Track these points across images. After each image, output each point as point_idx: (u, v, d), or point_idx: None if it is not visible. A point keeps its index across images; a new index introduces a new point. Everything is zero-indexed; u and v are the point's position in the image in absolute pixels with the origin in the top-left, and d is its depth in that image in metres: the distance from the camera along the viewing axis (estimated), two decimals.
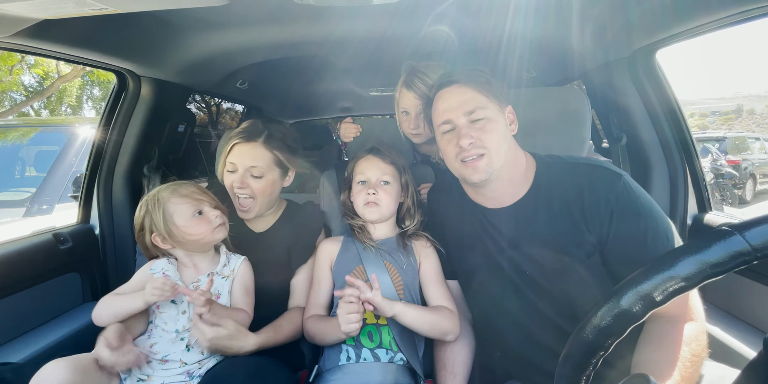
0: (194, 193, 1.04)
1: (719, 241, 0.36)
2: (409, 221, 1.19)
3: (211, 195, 1.09)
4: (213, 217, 1.04)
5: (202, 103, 3.57)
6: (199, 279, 1.05)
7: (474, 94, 0.93)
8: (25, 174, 2.83)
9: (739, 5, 0.89)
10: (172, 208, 1.01)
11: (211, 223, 1.04)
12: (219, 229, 1.05)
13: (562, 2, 1.20)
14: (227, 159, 1.17)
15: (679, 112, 1.30)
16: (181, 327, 1.00)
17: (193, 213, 1.02)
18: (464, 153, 0.92)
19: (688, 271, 0.37)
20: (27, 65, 9.16)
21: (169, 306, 1.02)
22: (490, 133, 0.91)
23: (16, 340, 1.21)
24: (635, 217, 0.83)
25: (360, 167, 1.18)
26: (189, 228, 1.02)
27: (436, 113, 0.99)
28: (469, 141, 0.91)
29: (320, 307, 1.15)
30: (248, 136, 1.16)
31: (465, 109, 0.92)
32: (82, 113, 11.76)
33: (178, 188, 1.04)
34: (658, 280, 0.37)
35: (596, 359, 0.41)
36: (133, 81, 1.53)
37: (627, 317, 0.39)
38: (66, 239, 1.43)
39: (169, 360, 0.98)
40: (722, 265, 0.36)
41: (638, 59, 1.28)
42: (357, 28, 1.39)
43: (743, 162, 8.46)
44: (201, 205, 1.04)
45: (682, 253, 0.37)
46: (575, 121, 1.26)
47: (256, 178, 1.15)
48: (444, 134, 0.97)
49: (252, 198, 1.16)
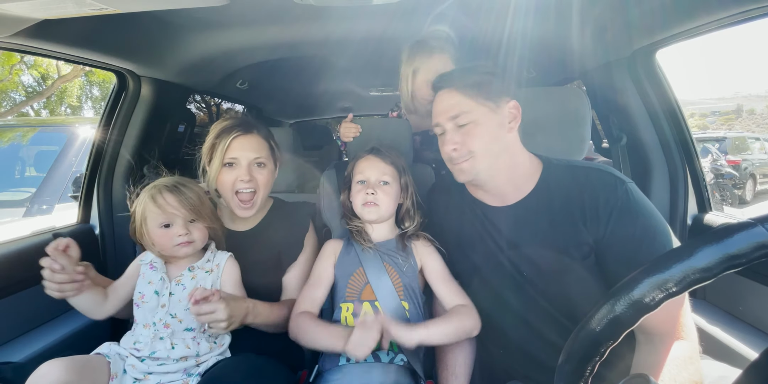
0: (169, 205, 1.00)
1: (741, 231, 0.36)
2: (409, 222, 1.19)
3: (198, 209, 1.03)
4: (176, 234, 1.00)
5: (202, 103, 3.56)
6: (182, 274, 1.05)
7: (460, 98, 0.94)
8: (25, 174, 2.83)
9: (739, 5, 0.89)
10: (147, 212, 1.01)
11: (172, 240, 1.00)
12: (180, 248, 1.01)
13: (562, 2, 1.20)
14: (226, 155, 1.12)
15: (679, 112, 1.30)
16: (158, 319, 0.99)
17: (159, 224, 1.00)
18: (453, 158, 0.95)
19: (707, 262, 0.36)
20: (26, 66, 9.16)
21: (152, 296, 1.01)
22: (474, 137, 0.92)
23: (16, 340, 1.21)
24: (633, 218, 0.83)
25: (360, 167, 1.18)
26: (154, 236, 1.01)
27: (434, 114, 1.02)
28: (452, 147, 0.94)
29: (314, 303, 1.12)
30: (246, 128, 1.15)
31: (450, 114, 0.94)
32: (82, 113, 11.77)
33: (159, 194, 1.01)
34: (676, 270, 0.37)
35: (604, 349, 0.40)
36: (133, 81, 1.53)
37: (640, 307, 0.38)
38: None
39: (160, 357, 0.96)
40: (743, 257, 0.35)
41: (638, 59, 1.28)
42: (357, 28, 1.39)
43: (743, 162, 8.46)
44: (172, 218, 1.00)
45: (703, 243, 0.37)
46: (575, 121, 1.26)
47: (261, 169, 1.15)
48: (439, 136, 1.01)
49: (254, 191, 1.15)
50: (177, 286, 1.03)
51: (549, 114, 1.25)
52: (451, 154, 0.95)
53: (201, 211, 1.04)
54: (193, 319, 0.94)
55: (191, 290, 0.93)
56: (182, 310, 1.00)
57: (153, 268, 1.04)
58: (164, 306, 1.01)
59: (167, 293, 1.01)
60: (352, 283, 1.13)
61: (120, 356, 0.97)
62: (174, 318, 1.00)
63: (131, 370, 0.95)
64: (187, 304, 0.96)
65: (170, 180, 1.06)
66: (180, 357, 0.97)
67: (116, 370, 0.94)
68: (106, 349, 0.98)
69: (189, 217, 1.02)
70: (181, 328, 1.00)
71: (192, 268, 1.06)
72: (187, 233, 1.01)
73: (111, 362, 0.94)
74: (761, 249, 0.35)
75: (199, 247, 1.05)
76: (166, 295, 1.01)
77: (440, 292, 1.11)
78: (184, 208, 1.01)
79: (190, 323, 1.01)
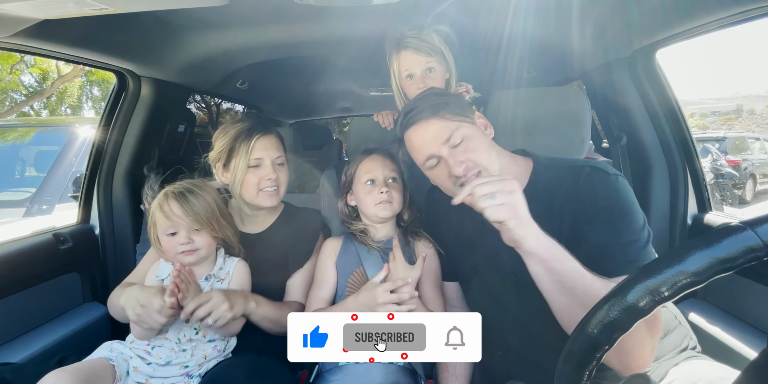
0: (173, 214, 0.99)
1: (731, 236, 0.36)
2: (408, 216, 1.20)
3: (204, 218, 1.01)
4: (178, 243, 1.00)
5: (202, 103, 3.57)
6: (198, 283, 1.04)
7: (441, 122, 0.91)
8: (25, 174, 2.83)
9: (739, 5, 0.89)
10: (156, 218, 1.01)
11: (175, 249, 1.00)
12: (183, 256, 1.00)
13: (562, 2, 1.20)
14: (251, 157, 1.12)
15: (679, 112, 1.30)
16: (182, 335, 0.99)
17: (165, 232, 1.00)
18: (462, 179, 0.90)
19: (698, 266, 0.37)
20: (27, 65, 9.17)
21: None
22: (474, 150, 0.90)
23: (16, 340, 1.21)
24: (608, 212, 0.82)
25: (365, 167, 1.17)
26: (162, 242, 1.02)
27: (415, 152, 0.97)
28: (462, 167, 0.89)
29: (324, 301, 1.14)
30: (265, 128, 1.17)
31: (441, 139, 0.90)
32: (82, 113, 11.77)
33: (165, 202, 1.00)
34: (668, 275, 0.37)
35: (599, 354, 0.41)
36: (133, 81, 1.53)
37: (633, 312, 0.38)
38: (66, 239, 1.43)
39: (171, 364, 0.97)
40: (733, 261, 0.36)
41: (638, 59, 1.28)
42: (357, 28, 1.39)
43: (743, 162, 8.46)
44: (177, 227, 1.00)
45: (693, 248, 0.37)
46: (575, 121, 1.26)
47: (282, 167, 1.19)
48: (432, 169, 0.95)
49: (276, 189, 1.17)
50: None
51: (549, 114, 1.25)
52: (462, 175, 0.89)
53: (207, 220, 1.02)
54: (215, 331, 0.96)
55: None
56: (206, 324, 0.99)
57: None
58: (188, 321, 1.00)
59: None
60: (351, 282, 1.13)
61: (123, 356, 0.97)
62: (198, 333, 1.01)
63: (134, 374, 0.95)
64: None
65: (181, 185, 1.04)
66: (197, 364, 0.98)
67: (121, 372, 0.94)
68: (107, 350, 0.98)
69: (193, 226, 1.01)
70: (204, 340, 1.01)
71: (209, 278, 1.05)
72: (190, 242, 1.00)
73: (115, 365, 0.94)
74: (751, 253, 0.35)
75: (204, 255, 1.03)
76: None
77: (425, 295, 1.12)
78: (187, 218, 0.99)
79: (212, 335, 1.02)
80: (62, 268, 1.42)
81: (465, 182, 0.89)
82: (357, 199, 1.18)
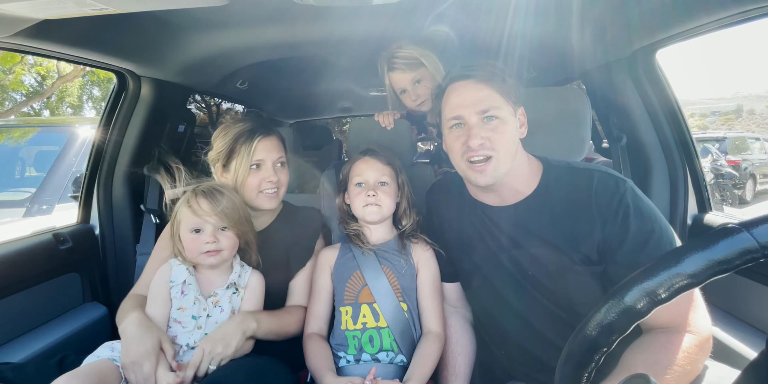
0: (202, 210, 0.99)
1: (727, 238, 0.36)
2: (406, 221, 1.19)
3: (231, 216, 1.01)
4: (203, 242, 0.99)
5: (202, 103, 3.56)
6: (215, 292, 1.03)
7: (490, 92, 0.89)
8: (25, 174, 2.84)
9: (739, 5, 0.89)
10: (181, 215, 1.01)
11: (200, 248, 1.00)
12: (206, 256, 1.00)
13: (562, 2, 1.20)
14: (252, 158, 1.13)
15: (679, 112, 1.30)
16: (192, 342, 0.99)
17: (190, 228, 1.00)
18: (471, 152, 0.89)
19: (694, 268, 0.37)
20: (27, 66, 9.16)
21: (189, 321, 1.00)
22: (501, 134, 0.88)
23: (16, 339, 1.21)
24: (639, 219, 0.83)
25: (357, 169, 1.17)
26: (184, 241, 1.01)
27: (447, 107, 0.94)
28: (479, 142, 0.87)
29: (321, 319, 1.14)
30: (266, 130, 1.17)
31: (479, 108, 0.88)
32: (82, 113, 11.76)
33: (194, 198, 1.01)
34: (664, 277, 0.37)
35: (598, 357, 0.41)
36: (133, 81, 1.53)
37: (631, 314, 0.39)
38: (66, 239, 1.43)
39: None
40: (729, 263, 0.36)
41: (638, 59, 1.28)
42: (357, 28, 1.39)
43: (743, 162, 8.46)
44: (202, 224, 1.00)
45: (689, 250, 0.37)
46: (575, 121, 1.26)
47: (282, 168, 1.20)
48: (452, 129, 0.93)
49: (276, 191, 1.18)
50: (215, 308, 1.02)
51: (549, 114, 1.25)
52: (474, 149, 0.88)
53: (234, 218, 1.02)
54: None
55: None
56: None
57: (185, 293, 1.02)
58: (200, 328, 1.00)
59: (204, 315, 1.01)
60: (349, 286, 1.13)
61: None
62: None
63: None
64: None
65: (209, 185, 1.05)
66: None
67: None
68: (109, 350, 0.98)
69: (220, 224, 1.01)
70: None
71: (230, 286, 1.05)
72: (215, 241, 1.00)
73: (119, 365, 0.93)
74: (747, 254, 0.35)
75: (225, 257, 1.03)
76: (203, 317, 1.01)
77: (424, 305, 1.11)
78: (215, 215, 1.00)
79: None
80: (62, 268, 1.42)
81: (471, 158, 0.89)
82: (350, 199, 1.18)
